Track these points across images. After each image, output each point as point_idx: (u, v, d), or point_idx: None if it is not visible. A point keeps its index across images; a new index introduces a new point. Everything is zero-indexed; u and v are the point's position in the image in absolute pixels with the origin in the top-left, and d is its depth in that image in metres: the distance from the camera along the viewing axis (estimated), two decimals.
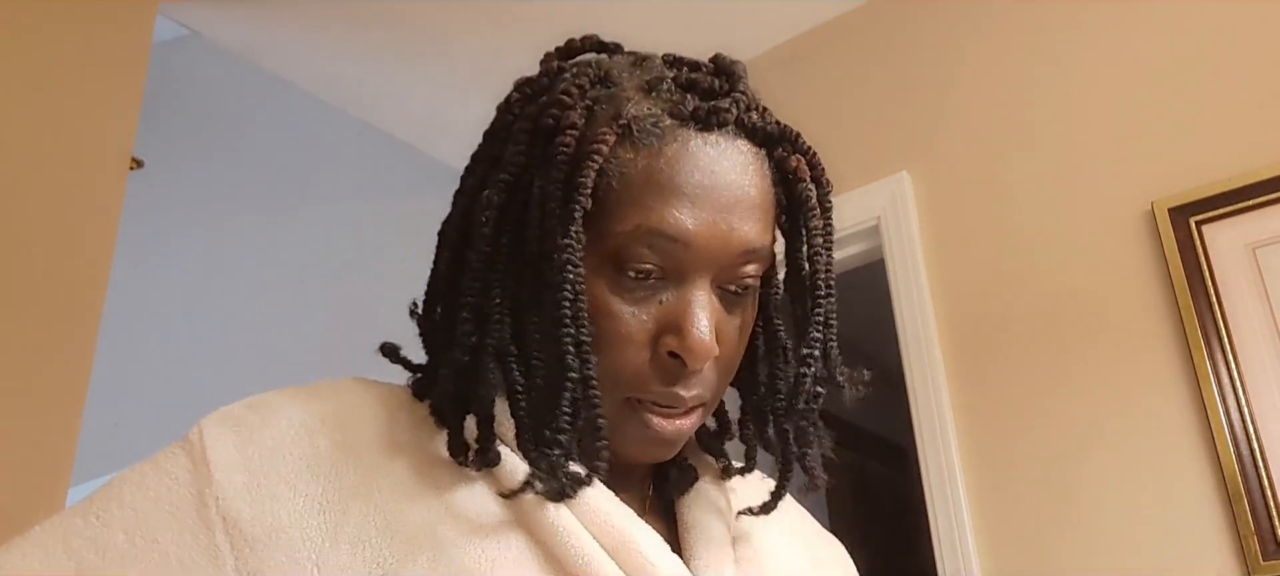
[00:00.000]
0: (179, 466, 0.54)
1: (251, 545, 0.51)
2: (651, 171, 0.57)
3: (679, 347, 0.57)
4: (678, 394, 0.58)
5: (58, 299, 1.42)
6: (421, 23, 2.11)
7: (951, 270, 1.81)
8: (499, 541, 0.55)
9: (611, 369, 0.57)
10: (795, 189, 0.62)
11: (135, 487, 0.54)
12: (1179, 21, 1.70)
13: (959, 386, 1.73)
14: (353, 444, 0.56)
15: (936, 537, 1.67)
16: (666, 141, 0.57)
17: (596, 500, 0.57)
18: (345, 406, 0.58)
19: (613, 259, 0.57)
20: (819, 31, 2.14)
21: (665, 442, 0.60)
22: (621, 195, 0.57)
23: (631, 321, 0.57)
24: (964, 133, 1.88)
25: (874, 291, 1.96)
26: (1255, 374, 1.47)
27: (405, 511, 0.54)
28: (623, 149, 0.57)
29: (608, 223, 0.57)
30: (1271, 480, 1.41)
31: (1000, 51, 1.88)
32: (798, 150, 0.62)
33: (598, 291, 0.57)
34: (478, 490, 0.57)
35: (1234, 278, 1.52)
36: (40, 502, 1.34)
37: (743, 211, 0.58)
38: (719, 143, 0.59)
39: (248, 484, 0.53)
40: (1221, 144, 1.59)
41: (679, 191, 0.57)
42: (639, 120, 0.58)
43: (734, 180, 0.58)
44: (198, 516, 0.52)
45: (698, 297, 0.57)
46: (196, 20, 2.11)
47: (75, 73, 1.53)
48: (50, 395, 1.38)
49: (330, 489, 0.54)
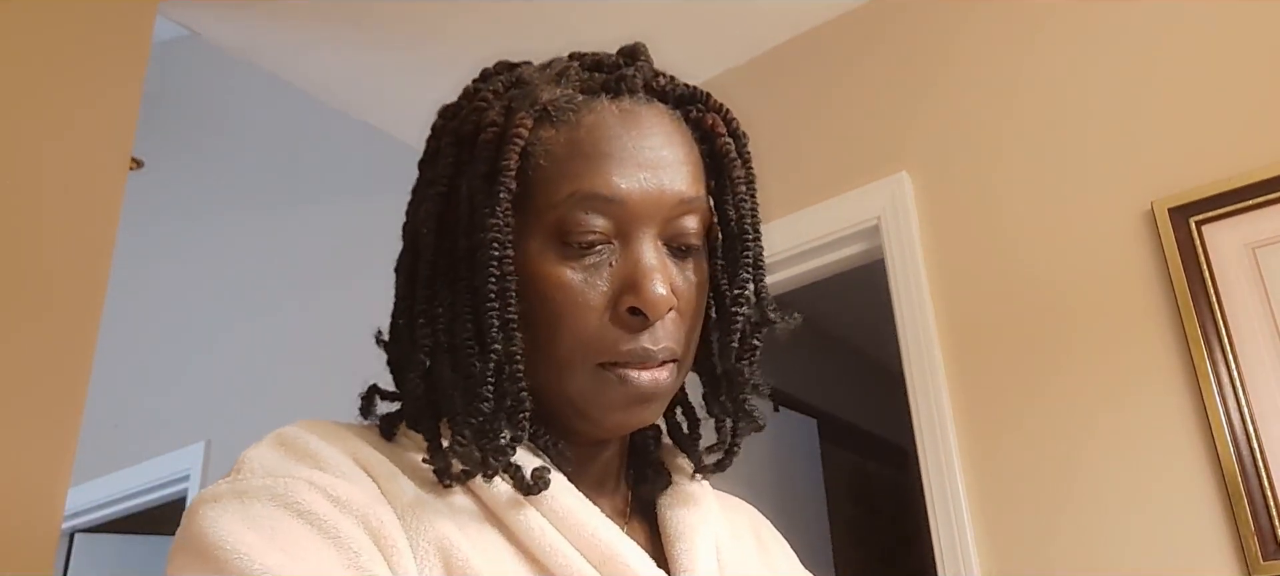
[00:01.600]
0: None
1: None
2: (574, 142, 0.60)
3: (636, 301, 0.58)
4: (646, 348, 0.59)
5: (58, 299, 1.42)
6: (422, 22, 2.11)
7: (951, 270, 1.81)
8: (475, 538, 0.56)
9: (577, 338, 0.58)
10: (715, 144, 0.65)
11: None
12: (1179, 21, 1.70)
13: (959, 386, 1.73)
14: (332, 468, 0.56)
15: (936, 537, 1.67)
16: (583, 114, 0.61)
17: (564, 500, 0.58)
18: (313, 439, 0.57)
19: (556, 232, 0.59)
20: (819, 31, 2.14)
21: (645, 398, 0.60)
22: (550, 171, 0.59)
23: (585, 288, 0.59)
24: (964, 133, 1.88)
25: (874, 291, 1.96)
26: (1255, 374, 1.47)
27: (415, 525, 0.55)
28: (543, 130, 0.60)
29: (543, 198, 0.59)
30: (1271, 480, 1.41)
31: (1000, 52, 1.88)
32: (710, 108, 0.65)
33: (547, 267, 0.59)
34: (452, 497, 0.58)
35: (1234, 278, 1.52)
36: (40, 503, 1.34)
37: (669, 165, 0.61)
38: (633, 108, 0.62)
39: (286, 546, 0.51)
40: (1221, 144, 1.59)
41: (604, 154, 0.59)
42: (553, 101, 0.61)
43: (655, 138, 0.61)
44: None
45: (645, 252, 0.60)
46: (196, 20, 2.11)
47: (75, 73, 1.53)
48: (50, 395, 1.38)
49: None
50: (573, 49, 0.68)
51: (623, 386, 0.59)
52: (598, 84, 0.62)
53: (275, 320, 3.02)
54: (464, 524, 0.56)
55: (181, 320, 3.32)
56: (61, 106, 1.50)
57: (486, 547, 0.55)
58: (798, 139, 2.09)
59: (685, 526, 0.64)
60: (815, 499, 3.01)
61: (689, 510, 0.66)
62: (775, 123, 2.13)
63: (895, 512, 3.58)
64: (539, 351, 0.59)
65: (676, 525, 0.64)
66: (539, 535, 0.56)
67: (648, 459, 0.70)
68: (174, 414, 3.18)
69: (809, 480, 3.02)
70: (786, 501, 2.82)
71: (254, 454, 0.55)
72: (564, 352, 0.59)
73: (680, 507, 0.66)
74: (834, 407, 3.36)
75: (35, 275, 1.40)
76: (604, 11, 1.96)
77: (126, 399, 3.14)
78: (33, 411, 1.35)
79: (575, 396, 0.60)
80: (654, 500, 0.68)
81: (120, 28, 1.62)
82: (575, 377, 0.59)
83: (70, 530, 3.44)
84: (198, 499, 0.52)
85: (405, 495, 0.55)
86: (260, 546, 0.47)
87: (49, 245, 1.43)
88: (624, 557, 0.57)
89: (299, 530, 0.49)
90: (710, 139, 0.65)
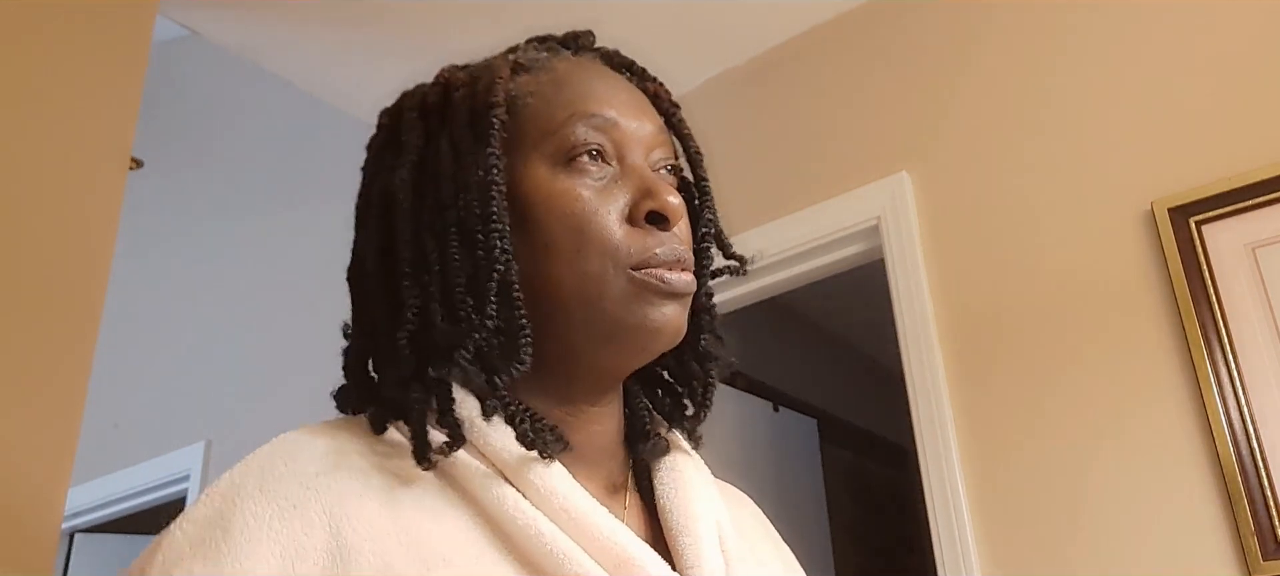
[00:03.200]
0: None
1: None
2: (556, 80, 0.64)
3: (655, 204, 0.60)
4: (674, 246, 0.61)
5: (58, 299, 1.42)
6: (422, 22, 2.11)
7: (951, 270, 1.81)
8: (444, 520, 0.54)
9: (604, 244, 0.59)
10: (660, 106, 0.69)
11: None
12: (1179, 22, 1.70)
13: (959, 386, 1.73)
14: (305, 466, 0.54)
15: (936, 537, 1.67)
16: (555, 62, 0.66)
17: (552, 480, 0.56)
18: (287, 444, 0.57)
19: (560, 152, 0.61)
20: (819, 31, 2.14)
21: (679, 295, 0.61)
22: (541, 106, 0.63)
23: (601, 198, 0.60)
24: (964, 133, 1.88)
25: (874, 291, 1.96)
26: (1255, 374, 1.47)
27: (368, 527, 0.53)
28: (519, 78, 0.64)
29: (543, 126, 0.62)
30: (1271, 480, 1.41)
31: (1000, 52, 1.88)
32: (648, 78, 0.71)
33: (560, 184, 0.60)
34: (421, 483, 0.56)
35: (1234, 278, 1.52)
36: (40, 503, 1.34)
37: (641, 105, 0.66)
38: (592, 64, 0.68)
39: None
40: (1221, 144, 1.59)
41: (590, 88, 0.64)
42: (522, 57, 0.66)
43: (622, 84, 0.67)
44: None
45: (645, 168, 0.63)
46: (196, 20, 2.11)
47: (75, 73, 1.53)
48: (50, 395, 1.38)
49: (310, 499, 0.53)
50: None
51: (661, 286, 0.60)
52: (556, 45, 0.69)
53: (275, 320, 3.02)
54: (438, 520, 0.54)
55: (181, 320, 3.32)
56: (61, 106, 1.50)
57: (455, 532, 0.54)
58: (798, 139, 2.09)
59: (688, 517, 0.62)
60: (815, 498, 3.01)
61: (689, 495, 0.64)
62: (775, 123, 2.13)
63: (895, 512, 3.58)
64: (564, 279, 0.59)
65: (678, 512, 0.62)
66: (520, 518, 0.54)
67: (640, 431, 0.69)
68: (174, 414, 3.18)
69: (809, 480, 3.02)
70: (786, 501, 2.82)
71: (175, 530, 0.53)
72: (595, 266, 0.59)
73: (681, 492, 0.64)
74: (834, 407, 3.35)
75: (35, 275, 1.40)
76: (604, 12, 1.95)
77: (126, 399, 3.13)
78: (33, 411, 1.35)
79: (612, 308, 0.59)
80: (649, 468, 0.66)
81: (120, 28, 1.62)
82: (609, 288, 0.59)
83: (70, 530, 3.43)
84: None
85: (366, 522, 0.53)
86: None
87: (49, 245, 1.43)
88: (629, 552, 0.55)
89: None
90: (656, 102, 0.69)
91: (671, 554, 0.60)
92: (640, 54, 0.72)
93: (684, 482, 0.64)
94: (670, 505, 0.63)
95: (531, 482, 0.55)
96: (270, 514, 0.51)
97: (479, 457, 0.56)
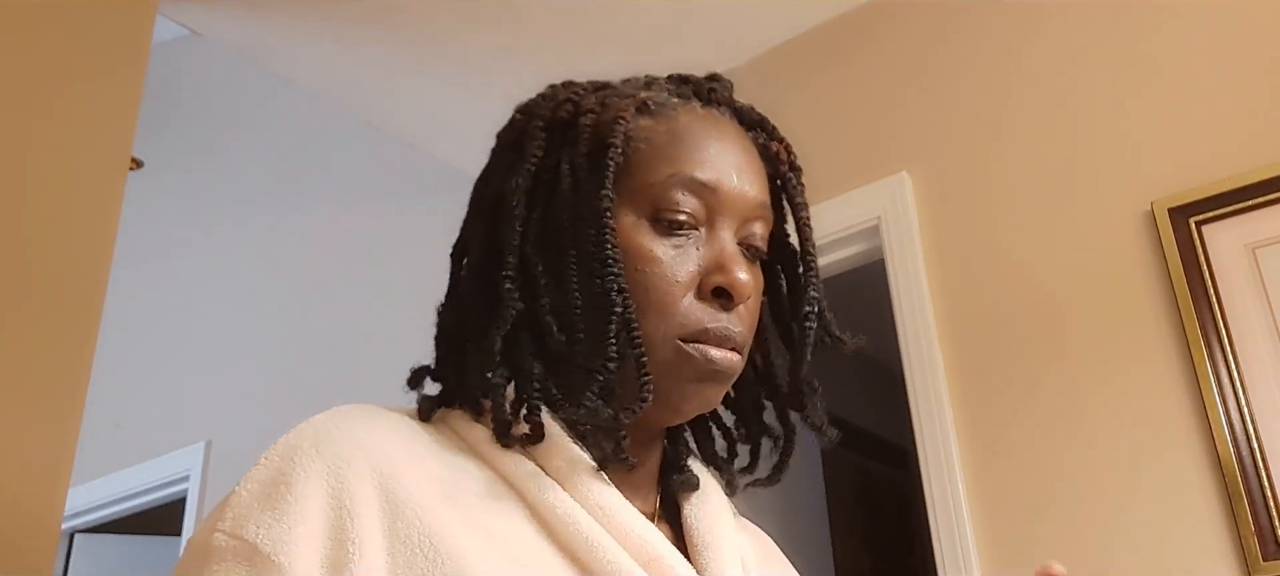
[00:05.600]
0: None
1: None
2: (673, 132, 0.65)
3: (723, 280, 0.62)
4: (728, 327, 0.62)
5: (58, 299, 1.42)
6: (422, 22, 2.10)
7: (951, 270, 1.81)
8: (499, 518, 0.56)
9: (664, 310, 0.61)
10: (778, 170, 0.70)
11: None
12: (1179, 22, 1.70)
13: (959, 386, 1.73)
14: (374, 458, 0.56)
15: (936, 537, 1.67)
16: (679, 111, 0.66)
17: (603, 495, 0.59)
18: (358, 424, 0.58)
19: (651, 209, 0.63)
20: (819, 31, 2.14)
21: (720, 375, 0.62)
22: (649, 155, 0.64)
23: (676, 264, 0.62)
24: (964, 133, 1.88)
25: (874, 291, 1.96)
26: (1255, 374, 1.46)
27: (439, 503, 0.55)
28: (641, 119, 0.65)
29: (643, 177, 0.63)
30: (1271, 480, 1.41)
31: (1001, 52, 1.88)
32: (776, 137, 0.71)
33: (640, 240, 0.62)
34: (480, 474, 0.59)
35: (1234, 278, 1.51)
36: (40, 503, 1.34)
37: (751, 172, 0.66)
38: (719, 118, 0.67)
39: (318, 543, 0.52)
40: (1221, 144, 1.59)
41: (701, 148, 0.64)
42: (651, 96, 0.66)
43: (740, 146, 0.67)
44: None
45: (729, 242, 0.64)
46: (196, 20, 2.11)
47: (75, 73, 1.53)
48: (50, 395, 1.38)
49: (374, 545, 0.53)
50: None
51: (704, 363, 0.61)
52: (688, 91, 0.68)
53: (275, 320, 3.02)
54: (486, 502, 0.57)
55: (181, 320, 3.32)
56: (61, 106, 1.50)
57: (502, 516, 0.56)
58: (798, 139, 2.07)
59: (712, 536, 0.65)
60: (816, 499, 3.01)
61: (716, 519, 0.67)
62: (775, 122, 2.13)
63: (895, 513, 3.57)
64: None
65: (703, 533, 0.65)
66: (571, 521, 0.57)
67: (677, 467, 0.72)
68: (174, 414, 3.18)
69: (809, 480, 3.02)
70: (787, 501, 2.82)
71: (241, 489, 0.55)
72: (650, 327, 0.60)
73: (707, 516, 0.67)
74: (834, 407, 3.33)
75: (35, 275, 1.40)
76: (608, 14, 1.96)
77: (126, 399, 3.13)
78: (33, 411, 1.35)
79: (653, 372, 0.60)
80: (677, 504, 0.69)
81: (120, 28, 1.62)
82: (656, 353, 0.60)
83: (70, 530, 3.44)
84: (185, 547, 0.55)
85: (414, 483, 0.55)
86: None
87: (49, 245, 1.43)
88: (667, 559, 0.57)
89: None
90: (774, 164, 0.70)
91: (696, 567, 0.63)
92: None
93: (710, 510, 0.68)
94: (696, 525, 0.66)
95: (579, 486, 0.58)
96: (323, 469, 0.54)
97: (531, 458, 0.59)
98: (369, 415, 0.59)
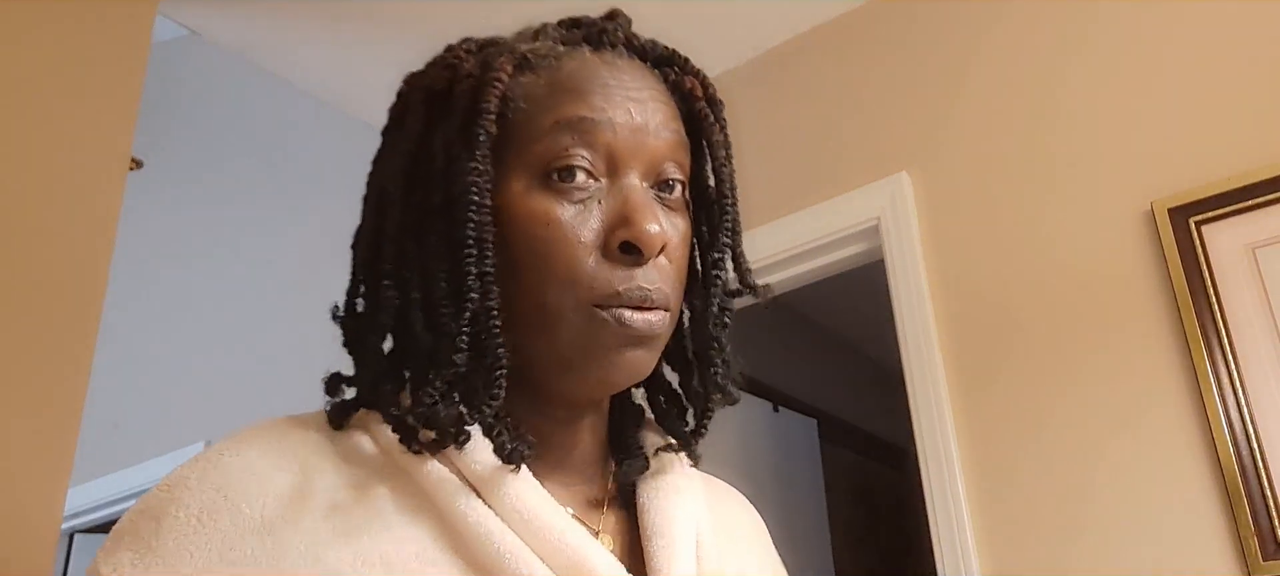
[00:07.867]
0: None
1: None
2: (556, 82, 0.58)
3: (629, 234, 0.55)
4: (641, 286, 0.56)
5: (58, 299, 1.42)
6: (422, 23, 2.11)
7: (951, 271, 1.81)
8: (403, 542, 0.52)
9: (569, 276, 0.55)
10: (693, 107, 0.63)
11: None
12: (1179, 22, 1.70)
13: (959, 386, 1.73)
14: (253, 508, 0.52)
15: (936, 537, 1.67)
16: (564, 60, 0.59)
17: (524, 497, 0.54)
18: (242, 466, 0.54)
19: (541, 166, 0.56)
20: (819, 31, 2.14)
21: (641, 340, 0.57)
22: (531, 111, 0.57)
23: (575, 223, 0.56)
24: (964, 133, 1.88)
25: (874, 291, 1.96)
26: (1255, 374, 1.47)
27: (330, 545, 0.52)
28: (522, 76, 0.58)
29: (525, 134, 0.57)
30: (1271, 480, 1.41)
31: (1000, 52, 1.88)
32: (688, 71, 0.64)
33: (532, 205, 0.56)
34: (388, 488, 0.55)
35: (1234, 278, 1.52)
36: (40, 503, 1.34)
37: (652, 106, 0.59)
38: (615, 61, 0.60)
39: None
40: (1221, 144, 1.59)
41: (589, 89, 0.58)
42: (534, 49, 0.59)
43: (640, 82, 0.60)
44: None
45: (634, 188, 0.57)
46: (196, 20, 2.11)
47: (75, 73, 1.53)
48: (50, 395, 1.38)
49: (245, 559, 0.51)
50: None
51: (619, 328, 0.55)
52: (577, 37, 0.61)
53: (275, 320, 3.02)
54: (390, 524, 0.53)
55: (181, 320, 3.32)
56: (61, 107, 1.50)
57: (411, 549, 0.52)
58: (798, 139, 2.09)
59: (665, 520, 0.60)
60: (815, 499, 3.01)
61: (671, 501, 0.62)
62: (775, 122, 2.13)
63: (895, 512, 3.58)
64: (523, 302, 0.56)
65: (656, 518, 0.60)
66: (482, 532, 0.52)
67: (627, 442, 0.67)
68: (174, 414, 3.18)
69: (809, 480, 3.02)
70: (786, 501, 2.82)
71: (122, 522, 0.53)
72: (553, 297, 0.55)
73: (662, 497, 0.62)
74: (834, 408, 3.36)
75: (35, 275, 1.40)
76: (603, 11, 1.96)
77: (126, 399, 3.13)
78: (33, 411, 1.35)
79: (565, 345, 0.56)
80: (633, 484, 0.64)
81: (120, 28, 1.62)
82: (565, 324, 0.55)
83: (70, 530, 3.44)
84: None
85: (293, 533, 0.51)
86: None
87: (49, 245, 1.43)
88: (589, 564, 0.53)
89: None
90: (688, 101, 0.63)
91: (644, 559, 0.59)
92: None
93: (667, 490, 0.63)
94: (648, 508, 0.61)
95: (496, 490, 0.54)
96: (194, 516, 0.51)
97: (448, 464, 0.55)
98: (265, 446, 0.55)
